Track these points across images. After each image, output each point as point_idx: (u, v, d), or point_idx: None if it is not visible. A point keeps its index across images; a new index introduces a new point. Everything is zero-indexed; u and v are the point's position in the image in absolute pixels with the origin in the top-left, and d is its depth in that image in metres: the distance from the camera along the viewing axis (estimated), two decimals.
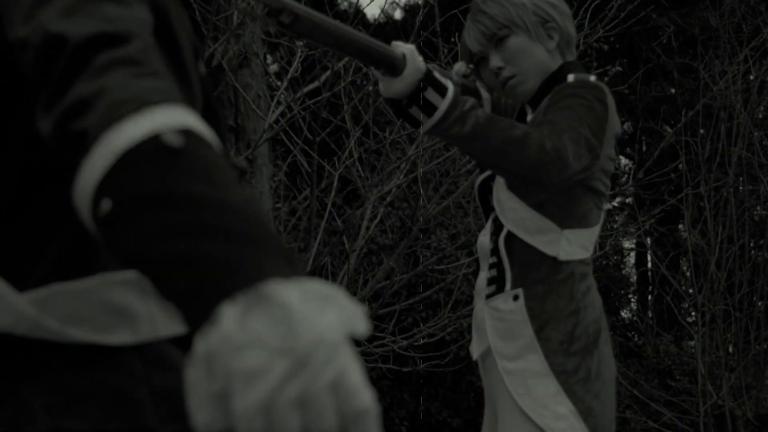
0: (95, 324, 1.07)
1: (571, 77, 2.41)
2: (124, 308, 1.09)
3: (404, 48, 2.22)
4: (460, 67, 2.54)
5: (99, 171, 0.87)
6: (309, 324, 0.78)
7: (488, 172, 2.46)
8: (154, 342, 1.11)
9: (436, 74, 2.23)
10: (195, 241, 0.82)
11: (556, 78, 2.42)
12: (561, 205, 2.34)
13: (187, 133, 0.88)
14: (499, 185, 2.38)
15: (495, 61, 2.41)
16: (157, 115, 0.89)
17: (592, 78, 2.43)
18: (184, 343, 1.13)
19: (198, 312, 0.81)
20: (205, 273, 0.81)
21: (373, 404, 0.79)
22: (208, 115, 1.19)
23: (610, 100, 2.37)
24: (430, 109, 2.21)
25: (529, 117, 2.44)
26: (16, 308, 1.05)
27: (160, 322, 1.11)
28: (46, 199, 1.08)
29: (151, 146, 0.87)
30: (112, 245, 0.87)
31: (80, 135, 0.90)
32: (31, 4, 1.02)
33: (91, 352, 1.07)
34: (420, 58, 2.22)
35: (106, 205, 0.86)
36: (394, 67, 2.19)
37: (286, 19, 1.97)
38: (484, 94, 2.54)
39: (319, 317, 0.79)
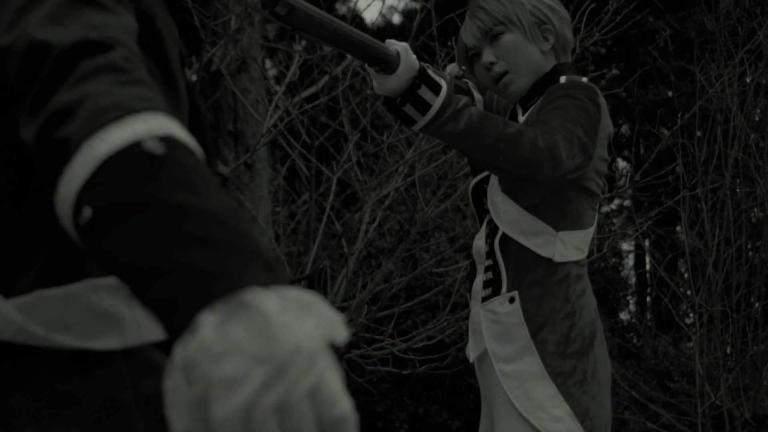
0: (82, 329, 1.07)
1: (563, 78, 2.41)
2: (110, 313, 1.08)
3: (398, 45, 2.21)
4: (452, 68, 2.55)
5: (80, 178, 0.87)
6: (288, 332, 0.78)
7: (482, 175, 2.46)
8: (140, 347, 1.11)
9: (430, 72, 2.23)
10: (175, 249, 0.82)
11: (548, 79, 2.42)
12: (555, 206, 2.34)
13: (169, 141, 0.88)
14: (493, 187, 2.38)
15: (487, 55, 2.42)
16: (139, 123, 0.89)
17: (584, 79, 2.44)
18: (170, 348, 1.12)
19: (177, 320, 0.81)
20: (184, 281, 0.81)
21: (352, 412, 0.79)
22: (195, 121, 1.19)
23: (602, 101, 2.37)
24: (423, 106, 2.21)
25: (520, 117, 2.44)
26: (1, 314, 1.05)
27: (146, 327, 1.11)
28: (32, 205, 1.08)
29: (133, 153, 0.87)
30: (93, 252, 0.87)
31: (62, 142, 0.90)
32: (16, 11, 1.02)
33: (78, 358, 1.07)
34: (414, 56, 2.22)
35: (86, 212, 0.86)
36: (388, 64, 2.19)
37: (281, 11, 1.98)
38: (477, 95, 2.54)
39: (298, 325, 0.79)
